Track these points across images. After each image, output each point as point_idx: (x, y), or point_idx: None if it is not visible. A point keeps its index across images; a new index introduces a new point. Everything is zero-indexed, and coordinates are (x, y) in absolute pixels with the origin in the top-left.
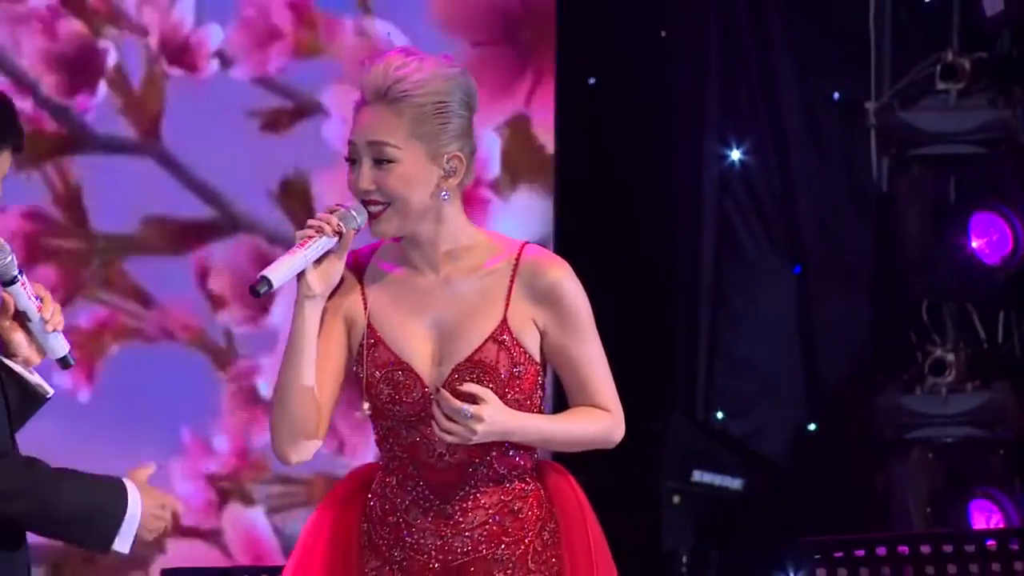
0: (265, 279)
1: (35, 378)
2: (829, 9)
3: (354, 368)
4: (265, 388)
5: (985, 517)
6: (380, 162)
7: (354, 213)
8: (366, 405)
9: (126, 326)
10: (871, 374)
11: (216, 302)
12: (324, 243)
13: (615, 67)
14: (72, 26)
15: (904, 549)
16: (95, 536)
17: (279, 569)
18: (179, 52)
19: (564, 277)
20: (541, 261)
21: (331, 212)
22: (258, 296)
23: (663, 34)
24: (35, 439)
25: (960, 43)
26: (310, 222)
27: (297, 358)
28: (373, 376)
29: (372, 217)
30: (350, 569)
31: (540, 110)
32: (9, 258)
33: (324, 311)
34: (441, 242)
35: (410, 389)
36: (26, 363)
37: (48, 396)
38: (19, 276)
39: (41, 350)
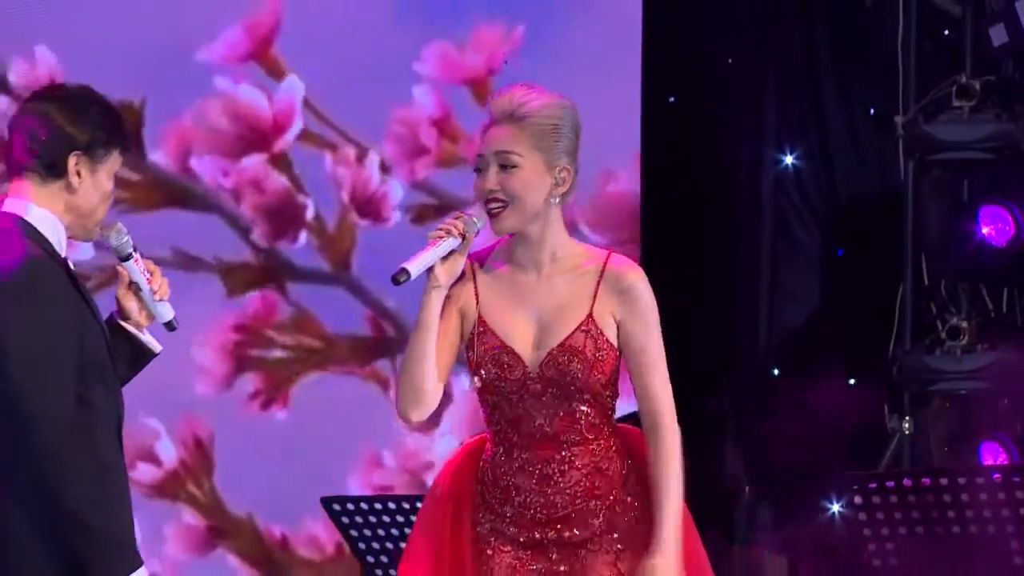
0: (404, 270)
1: (146, 337)
2: (866, 40)
3: (466, 351)
4: None
5: (992, 456)
6: (505, 167)
7: (475, 219)
8: (476, 379)
9: None
10: (900, 338)
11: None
12: (450, 243)
13: (690, 88)
14: (278, 183)
15: (926, 481)
16: (123, 553)
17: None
18: (366, 204)
19: (640, 280)
20: (623, 267)
21: (457, 219)
22: (398, 284)
23: (730, 61)
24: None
25: (972, 68)
26: (440, 226)
27: (422, 337)
28: (482, 358)
29: (493, 216)
30: (464, 521)
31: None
32: (126, 238)
33: (446, 299)
34: (546, 244)
35: (513, 368)
36: (137, 326)
37: (157, 352)
38: (133, 253)
39: (150, 315)
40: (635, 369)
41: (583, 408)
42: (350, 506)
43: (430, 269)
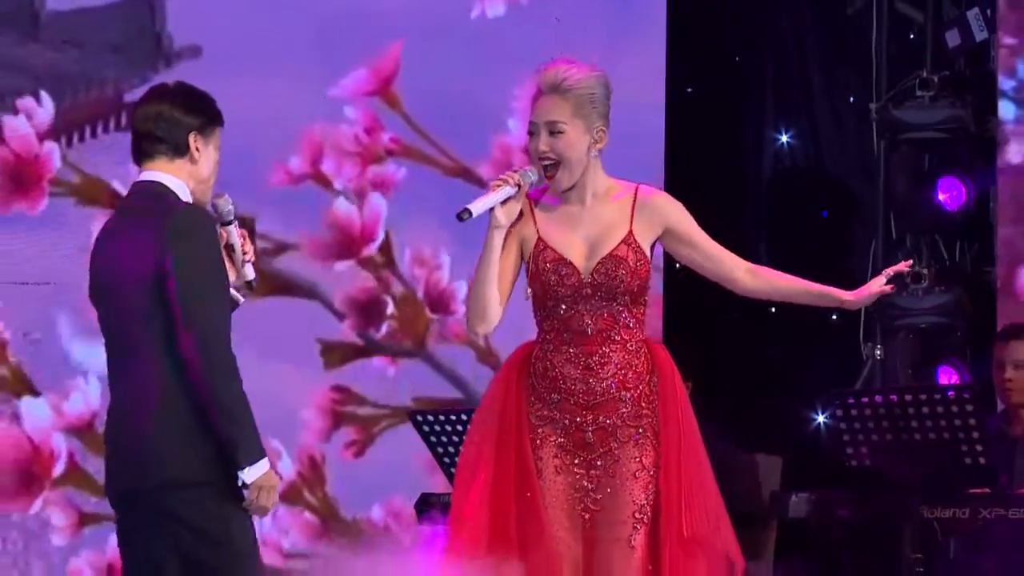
0: (467, 210)
1: (235, 294)
2: (847, 43)
3: (525, 270)
4: None
5: (947, 377)
6: (553, 133)
7: (529, 172)
8: (530, 291)
9: None
10: (869, 260)
11: None
12: (508, 191)
13: (706, 81)
14: (366, 282)
15: (894, 398)
16: (253, 444)
17: None
18: (438, 299)
19: (666, 196)
20: (650, 192)
21: (514, 172)
22: (461, 220)
23: (736, 59)
24: None
25: (932, 65)
26: (500, 177)
27: (485, 267)
28: (544, 269)
29: (549, 178)
30: (522, 410)
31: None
32: (231, 206)
33: (507, 236)
34: (588, 184)
35: (569, 276)
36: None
37: (239, 303)
38: (234, 220)
39: (238, 273)
40: (701, 253)
41: (622, 310)
42: (430, 417)
43: (491, 210)
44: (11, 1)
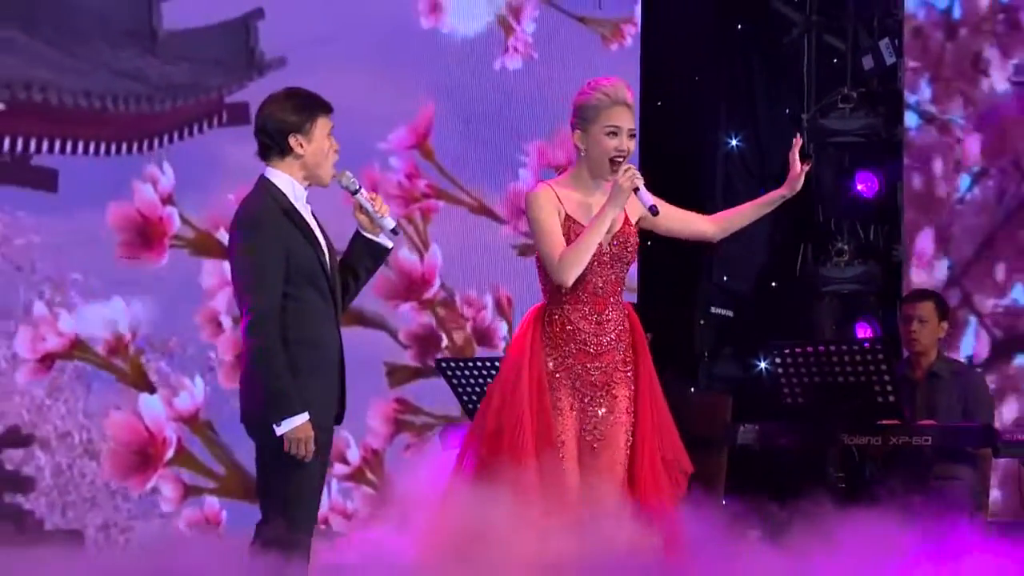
0: (654, 206)
1: (380, 239)
2: (785, 66)
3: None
4: None
5: (863, 331)
6: (631, 137)
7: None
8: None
9: None
10: (805, 257)
11: None
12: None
13: (672, 96)
14: (425, 318)
15: (821, 348)
16: (279, 404)
17: None
18: (482, 336)
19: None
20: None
21: (629, 171)
22: (654, 215)
23: (696, 79)
24: None
25: (851, 83)
26: (635, 175)
27: (600, 234)
28: (572, 240)
29: (615, 172)
30: (541, 359)
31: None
32: (353, 180)
33: (550, 214)
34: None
35: (600, 249)
36: (373, 234)
37: (389, 248)
38: (360, 188)
39: (378, 227)
40: (677, 221)
41: (622, 276)
42: (452, 364)
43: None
44: (134, 22)
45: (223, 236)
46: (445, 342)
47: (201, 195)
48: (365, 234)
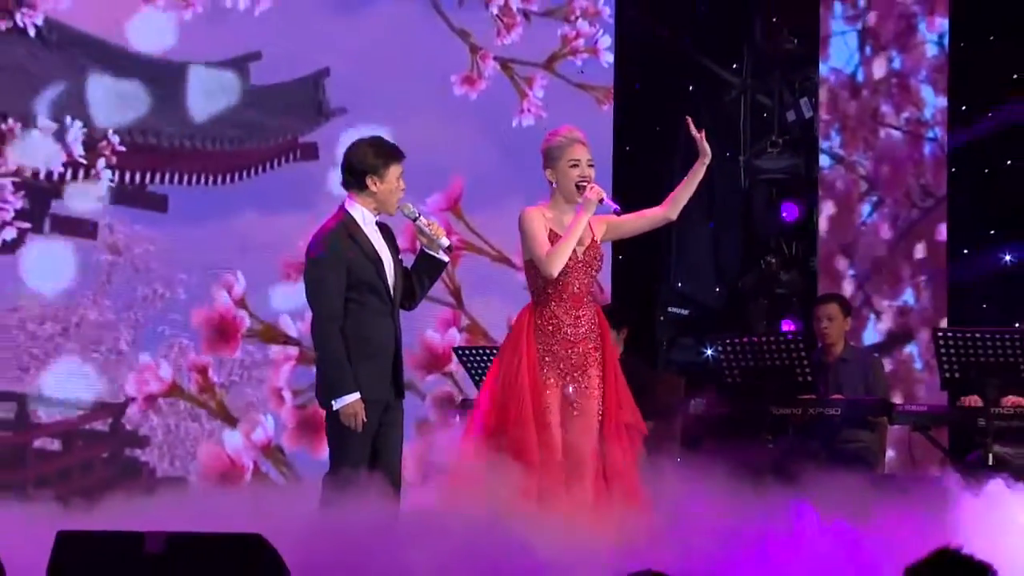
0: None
1: (438, 255)
2: (726, 118)
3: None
4: None
5: (788, 326)
6: (591, 166)
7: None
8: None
9: None
10: (743, 267)
11: None
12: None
13: (638, 142)
14: (447, 389)
15: (755, 339)
16: (335, 386)
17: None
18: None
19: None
20: None
21: (595, 188)
22: (601, 204)
23: (657, 128)
24: None
25: (778, 132)
26: (597, 188)
27: (578, 234)
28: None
29: (583, 189)
30: (532, 348)
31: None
32: (413, 209)
33: (540, 226)
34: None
35: (576, 257)
36: (432, 251)
37: (445, 263)
38: (419, 215)
39: (436, 246)
40: (637, 221)
41: (592, 279)
42: (466, 351)
43: (600, 202)
44: (225, 77)
45: (286, 324)
46: (460, 398)
47: (263, 295)
48: (427, 251)
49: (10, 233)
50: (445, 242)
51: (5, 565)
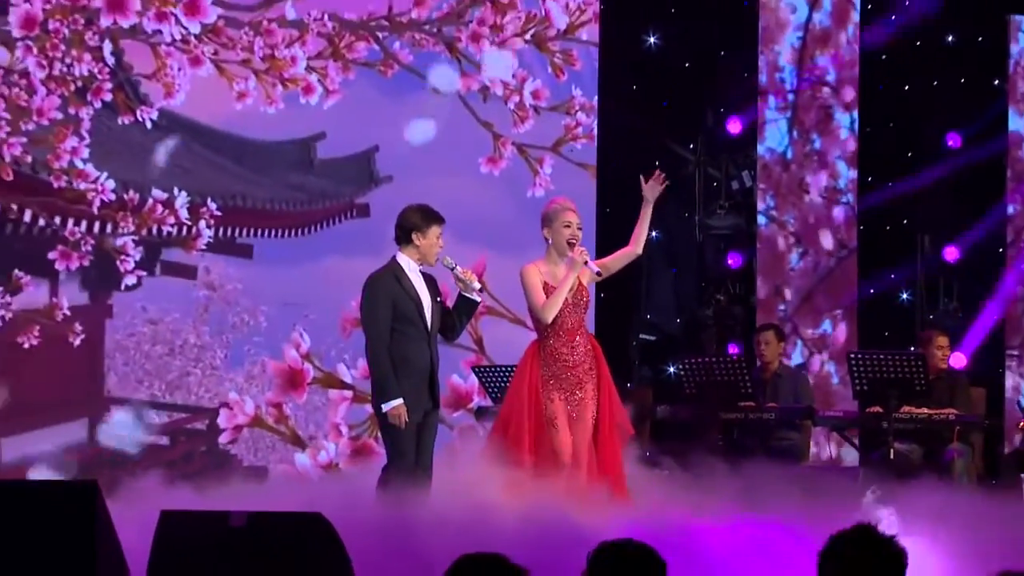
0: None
1: (472, 296)
2: (685, 187)
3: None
4: None
5: (734, 350)
6: (578, 228)
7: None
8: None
9: None
10: (698, 303)
11: None
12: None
13: (616, 205)
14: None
15: (708, 359)
16: (383, 393)
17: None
18: None
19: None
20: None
21: (580, 251)
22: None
23: (631, 194)
24: None
25: (725, 197)
26: (586, 252)
27: (568, 287)
28: (549, 294)
29: (573, 246)
30: (537, 373)
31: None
32: (452, 261)
33: (536, 281)
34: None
35: (567, 301)
36: (467, 293)
37: (478, 303)
38: (455, 265)
39: (469, 289)
40: (614, 262)
41: (583, 316)
42: (482, 369)
43: (585, 264)
44: (299, 155)
45: (342, 372)
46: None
47: (325, 347)
48: (463, 293)
49: (131, 279)
50: (477, 286)
51: (121, 538)
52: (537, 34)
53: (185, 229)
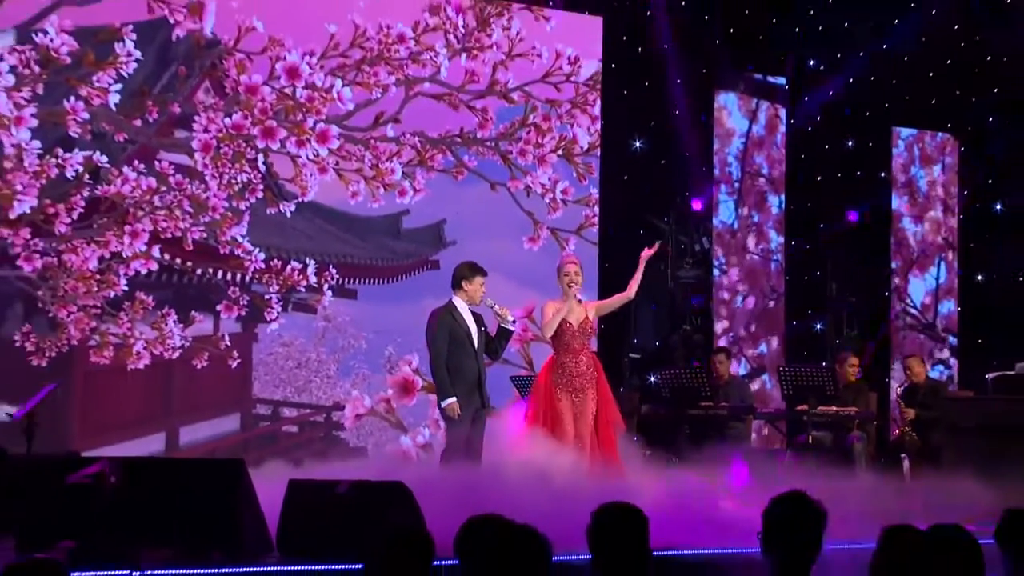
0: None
1: (508, 326)
2: (661, 248)
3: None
4: None
5: (697, 364)
6: (576, 274)
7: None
8: (554, 333)
9: None
10: (670, 331)
11: None
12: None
13: (611, 262)
14: None
15: (677, 371)
16: (442, 393)
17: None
18: None
19: (591, 301)
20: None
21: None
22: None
23: (623, 257)
24: None
25: (690, 256)
26: (503, 309)
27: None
28: (567, 327)
29: (573, 288)
30: (551, 383)
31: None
32: (492, 301)
33: (552, 312)
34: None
35: (573, 327)
36: (504, 324)
37: (512, 331)
38: (495, 304)
39: (506, 321)
40: (612, 304)
41: (588, 340)
42: (517, 378)
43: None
44: (388, 226)
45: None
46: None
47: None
48: (502, 325)
49: (271, 314)
50: (511, 318)
51: (260, 499)
52: (567, 150)
53: (314, 282)
